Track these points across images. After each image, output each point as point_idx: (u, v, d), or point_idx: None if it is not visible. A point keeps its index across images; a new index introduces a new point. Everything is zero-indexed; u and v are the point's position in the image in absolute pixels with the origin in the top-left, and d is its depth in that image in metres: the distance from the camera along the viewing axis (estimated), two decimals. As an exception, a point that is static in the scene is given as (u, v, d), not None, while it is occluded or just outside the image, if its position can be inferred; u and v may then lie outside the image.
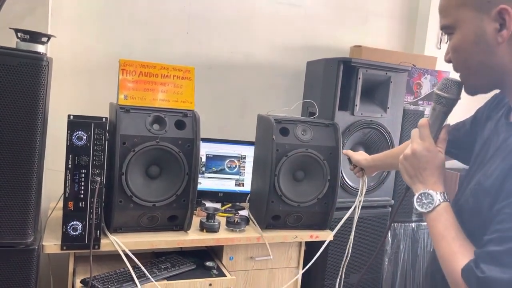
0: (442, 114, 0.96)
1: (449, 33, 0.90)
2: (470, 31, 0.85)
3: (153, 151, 1.78)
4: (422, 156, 0.93)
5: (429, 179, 0.92)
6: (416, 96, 2.57)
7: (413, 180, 0.95)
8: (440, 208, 0.89)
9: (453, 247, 0.85)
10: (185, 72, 1.93)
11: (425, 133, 0.94)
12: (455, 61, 0.91)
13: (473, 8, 0.84)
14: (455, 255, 0.84)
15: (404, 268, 2.52)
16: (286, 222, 2.06)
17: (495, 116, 1.00)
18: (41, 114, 1.46)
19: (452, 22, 0.88)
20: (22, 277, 1.51)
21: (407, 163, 0.96)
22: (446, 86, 0.95)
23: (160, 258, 1.87)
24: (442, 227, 0.88)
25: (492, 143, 0.93)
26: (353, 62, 2.16)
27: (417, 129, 0.97)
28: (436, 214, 0.89)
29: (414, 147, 0.94)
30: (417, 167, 0.94)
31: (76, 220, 1.63)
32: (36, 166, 1.48)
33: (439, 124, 0.96)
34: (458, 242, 0.85)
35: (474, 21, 0.84)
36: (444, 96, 0.95)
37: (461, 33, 0.87)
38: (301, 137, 2.02)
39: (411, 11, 2.99)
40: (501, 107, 1.00)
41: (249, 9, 2.57)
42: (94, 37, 2.28)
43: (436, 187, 0.92)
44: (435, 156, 0.93)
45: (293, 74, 2.68)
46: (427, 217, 0.91)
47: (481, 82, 0.90)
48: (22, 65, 1.41)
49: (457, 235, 0.86)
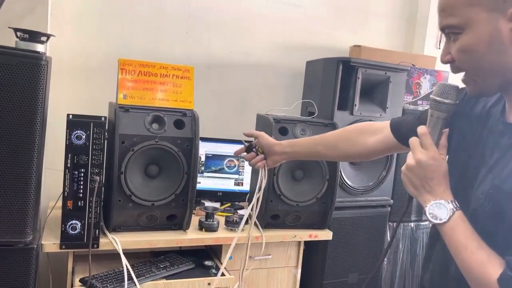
0: (442, 120, 0.94)
1: (454, 33, 0.86)
2: (484, 31, 0.82)
3: (152, 150, 1.78)
4: (428, 165, 0.90)
5: (437, 189, 0.90)
6: (415, 96, 2.57)
7: (420, 191, 0.92)
8: (456, 217, 0.87)
9: (479, 257, 0.82)
10: (185, 71, 1.93)
11: (428, 142, 0.92)
12: (463, 62, 0.87)
13: (487, 8, 0.81)
14: (484, 266, 0.81)
15: (403, 268, 2.52)
16: (285, 221, 2.07)
17: (469, 112, 0.98)
18: (40, 113, 1.46)
19: (461, 22, 0.84)
20: (21, 276, 1.51)
21: (411, 174, 0.92)
22: (444, 91, 0.93)
23: (159, 257, 1.87)
24: (462, 237, 0.85)
25: (490, 144, 0.91)
26: (352, 62, 2.17)
27: (416, 138, 0.93)
28: (453, 224, 0.86)
29: (419, 157, 0.91)
30: (423, 177, 0.90)
31: (75, 219, 1.64)
32: (35, 165, 1.48)
33: (439, 131, 0.94)
34: (484, 251, 0.82)
35: (489, 21, 0.81)
36: (443, 102, 0.93)
37: (473, 34, 0.83)
38: (300, 137, 2.02)
39: (411, 11, 3.00)
40: (473, 102, 0.99)
41: (248, 9, 2.57)
42: (93, 37, 2.28)
43: (445, 195, 0.89)
44: (440, 164, 0.91)
45: (292, 74, 2.68)
46: (443, 227, 0.88)
47: (491, 82, 0.87)
48: (22, 65, 1.41)
49: (480, 244, 0.83)
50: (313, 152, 1.35)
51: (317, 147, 1.33)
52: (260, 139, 1.40)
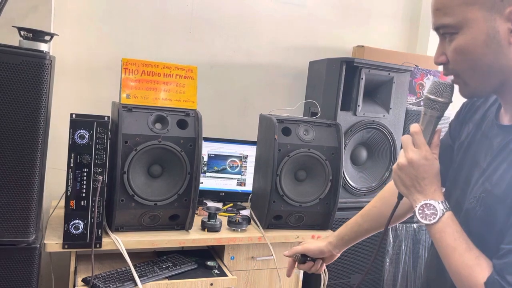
0: (435, 119, 0.92)
1: (450, 33, 0.85)
2: (481, 31, 0.80)
3: (155, 150, 1.77)
4: (419, 165, 0.88)
5: (428, 189, 0.88)
6: (418, 96, 2.57)
7: (410, 190, 0.90)
8: (445, 218, 0.85)
9: (467, 259, 0.81)
10: (188, 71, 1.93)
11: (420, 141, 0.90)
12: (457, 63, 0.85)
13: (485, 7, 0.79)
14: (472, 268, 0.79)
15: (406, 269, 2.52)
16: (288, 222, 2.06)
17: (471, 118, 0.97)
18: (43, 112, 1.46)
19: (457, 21, 0.82)
20: (24, 275, 1.51)
21: (403, 173, 0.90)
22: (438, 90, 0.91)
23: (162, 257, 1.87)
24: (451, 239, 0.83)
25: (484, 146, 0.89)
26: (355, 62, 2.16)
27: (408, 136, 0.92)
28: (442, 225, 0.85)
29: (410, 156, 0.89)
30: (414, 176, 0.89)
31: (77, 218, 1.63)
32: (38, 165, 1.48)
33: (432, 130, 0.93)
34: (472, 253, 0.81)
35: (486, 21, 0.80)
36: (438, 100, 0.91)
37: (469, 34, 0.81)
38: (303, 137, 2.02)
39: (414, 12, 2.99)
40: (476, 108, 0.98)
41: (251, 9, 2.57)
42: (97, 36, 2.28)
43: (436, 196, 0.87)
44: (432, 164, 0.89)
45: (295, 74, 2.68)
46: (432, 228, 0.86)
47: (485, 84, 0.85)
48: (25, 64, 1.41)
49: (468, 246, 0.82)
50: (363, 232, 1.26)
51: (364, 225, 1.25)
52: (307, 252, 1.28)
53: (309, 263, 1.29)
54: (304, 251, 1.28)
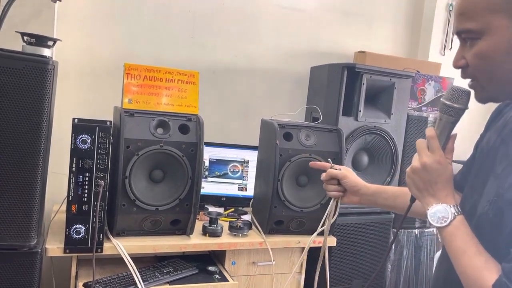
0: (450, 124, 0.93)
1: (471, 37, 0.85)
2: (504, 39, 0.81)
3: (157, 155, 1.78)
4: (433, 169, 0.90)
5: (440, 193, 0.89)
6: (420, 102, 2.57)
7: (423, 193, 0.92)
8: (456, 222, 0.87)
9: (477, 262, 0.82)
10: (190, 76, 1.93)
11: (435, 145, 0.91)
12: (477, 67, 0.86)
13: (509, 15, 0.80)
14: (481, 271, 0.80)
15: (407, 274, 2.51)
16: (289, 227, 2.06)
17: (495, 125, 0.98)
18: (46, 117, 1.46)
19: (480, 27, 0.83)
20: (25, 280, 1.51)
21: (416, 177, 0.92)
22: (455, 95, 0.91)
23: (163, 262, 1.87)
24: (461, 242, 0.85)
25: (500, 152, 0.90)
26: (357, 68, 2.17)
27: (423, 140, 0.93)
28: (453, 229, 0.86)
29: (424, 160, 0.90)
30: (427, 180, 0.90)
31: (79, 223, 1.64)
32: (41, 169, 1.48)
33: (447, 135, 0.93)
34: (481, 257, 0.82)
35: (509, 29, 0.80)
36: (453, 106, 0.91)
37: (492, 40, 0.82)
38: (304, 142, 2.02)
39: (416, 17, 3.00)
40: (501, 115, 0.98)
41: (253, 14, 2.58)
42: (99, 41, 2.29)
43: (448, 200, 0.89)
44: (445, 168, 0.90)
45: (297, 79, 2.68)
46: (443, 231, 0.88)
47: (502, 90, 0.87)
48: (28, 69, 1.42)
49: (478, 249, 0.83)
50: (392, 205, 1.25)
51: (398, 199, 1.22)
52: (344, 177, 1.27)
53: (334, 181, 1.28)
54: (341, 176, 1.27)
